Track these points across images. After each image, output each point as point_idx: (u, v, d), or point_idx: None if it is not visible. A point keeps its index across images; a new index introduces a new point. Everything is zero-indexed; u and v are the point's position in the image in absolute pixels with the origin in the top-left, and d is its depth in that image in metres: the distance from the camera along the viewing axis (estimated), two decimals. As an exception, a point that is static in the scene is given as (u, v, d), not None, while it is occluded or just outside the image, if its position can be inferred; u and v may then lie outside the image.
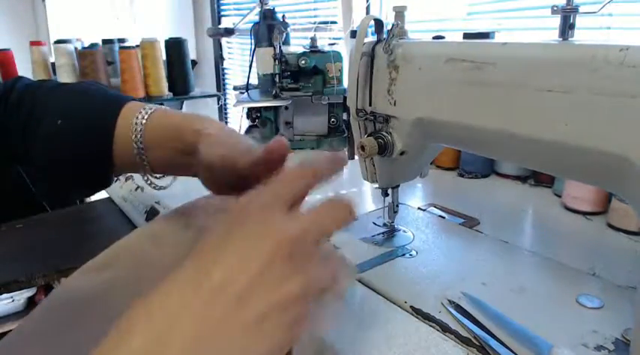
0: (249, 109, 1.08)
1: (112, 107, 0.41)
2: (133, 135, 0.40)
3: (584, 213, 0.72)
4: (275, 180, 0.30)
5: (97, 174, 0.42)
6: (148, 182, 0.44)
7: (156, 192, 0.46)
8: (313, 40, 1.05)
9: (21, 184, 1.43)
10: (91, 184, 0.44)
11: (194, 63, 2.29)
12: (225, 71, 2.32)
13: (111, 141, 0.41)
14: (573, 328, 0.44)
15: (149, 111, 0.41)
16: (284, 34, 1.04)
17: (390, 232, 0.65)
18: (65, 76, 1.71)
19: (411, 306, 0.48)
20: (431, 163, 0.87)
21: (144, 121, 0.40)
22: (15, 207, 1.05)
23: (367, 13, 1.35)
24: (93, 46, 1.78)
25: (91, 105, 0.42)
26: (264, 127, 1.07)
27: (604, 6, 0.45)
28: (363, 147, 0.54)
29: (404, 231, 0.66)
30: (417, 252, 0.60)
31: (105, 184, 0.44)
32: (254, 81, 1.19)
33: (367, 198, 0.82)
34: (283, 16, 1.25)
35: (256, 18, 1.22)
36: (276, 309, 0.25)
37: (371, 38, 0.56)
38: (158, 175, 0.44)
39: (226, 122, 2.28)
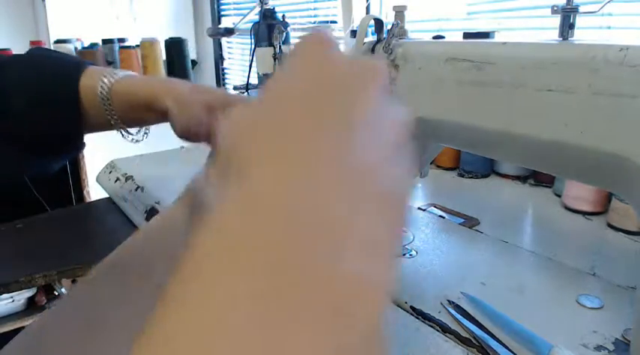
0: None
1: (70, 75, 0.41)
2: (100, 102, 0.40)
3: (584, 213, 0.72)
4: None
5: (68, 141, 0.42)
6: (125, 136, 0.45)
7: (156, 192, 0.46)
8: (313, 39, 1.05)
9: (21, 184, 1.43)
10: (61, 153, 0.44)
11: (194, 63, 2.28)
12: (226, 71, 2.32)
13: (78, 108, 0.40)
14: (573, 328, 0.44)
15: (112, 81, 0.41)
16: (284, 34, 1.03)
17: (390, 232, 0.65)
18: (65, 76, 1.71)
19: (411, 306, 0.48)
20: (431, 163, 0.87)
21: (108, 91, 0.40)
22: (15, 207, 1.05)
23: (367, 12, 1.35)
24: (93, 45, 1.78)
25: (47, 75, 0.41)
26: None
27: (604, 6, 0.45)
28: (363, 147, 0.54)
29: (404, 231, 0.66)
30: (417, 252, 0.59)
31: (77, 149, 0.44)
32: (254, 81, 1.19)
33: (367, 198, 0.82)
34: (283, 16, 1.25)
35: (256, 18, 1.22)
36: None
37: (371, 38, 0.56)
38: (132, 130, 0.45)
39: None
